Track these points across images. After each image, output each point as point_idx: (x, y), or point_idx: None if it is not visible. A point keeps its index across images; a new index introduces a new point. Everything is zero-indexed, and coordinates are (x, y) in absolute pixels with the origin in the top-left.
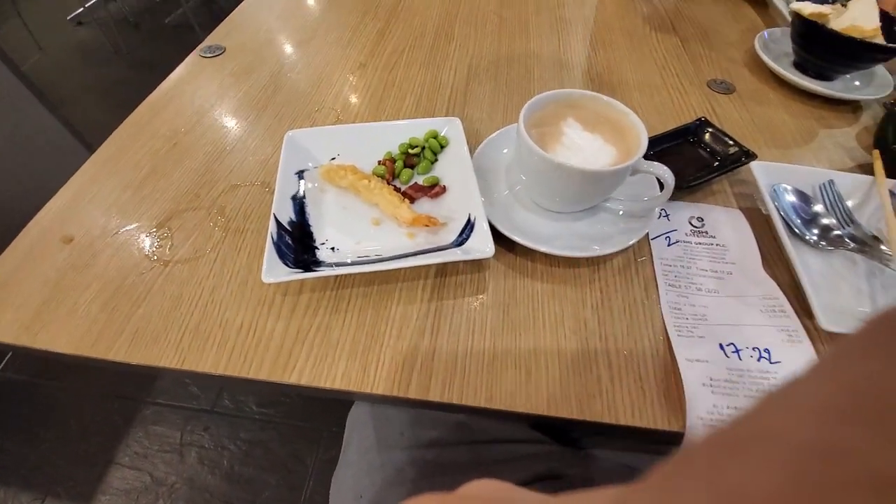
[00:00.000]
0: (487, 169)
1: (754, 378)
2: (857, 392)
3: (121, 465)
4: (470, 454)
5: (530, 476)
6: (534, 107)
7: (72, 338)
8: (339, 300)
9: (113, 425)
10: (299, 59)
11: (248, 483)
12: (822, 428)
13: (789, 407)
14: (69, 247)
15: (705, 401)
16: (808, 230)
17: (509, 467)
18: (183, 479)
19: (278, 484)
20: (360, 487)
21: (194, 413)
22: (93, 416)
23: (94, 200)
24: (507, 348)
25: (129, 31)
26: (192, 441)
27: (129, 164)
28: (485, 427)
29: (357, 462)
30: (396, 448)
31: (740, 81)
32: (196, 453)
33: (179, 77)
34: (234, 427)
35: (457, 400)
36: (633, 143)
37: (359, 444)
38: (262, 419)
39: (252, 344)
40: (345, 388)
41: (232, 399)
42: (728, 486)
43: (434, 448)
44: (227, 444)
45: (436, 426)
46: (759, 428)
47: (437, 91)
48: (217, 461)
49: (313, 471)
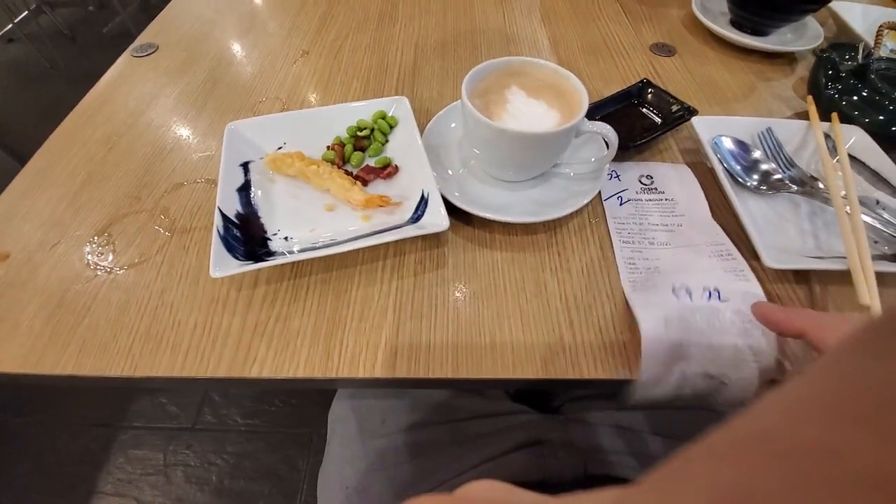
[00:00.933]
0: (439, 146)
1: (705, 315)
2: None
3: (104, 494)
4: (451, 432)
5: (512, 445)
6: (476, 77)
7: (15, 357)
8: (297, 289)
9: (91, 454)
10: (238, 51)
11: (239, 496)
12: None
13: (788, 407)
14: (5, 264)
15: (660, 341)
16: (749, 177)
17: (491, 440)
18: (171, 499)
19: (271, 492)
20: (345, 478)
21: (175, 432)
22: (68, 448)
23: (29, 215)
24: (470, 318)
25: (66, 45)
26: (177, 461)
27: (62, 173)
28: (464, 404)
29: (341, 454)
30: (378, 436)
31: (681, 44)
32: (182, 472)
33: (111, 80)
34: (220, 441)
35: (423, 374)
36: (576, 106)
37: (341, 437)
38: (247, 430)
39: (208, 343)
40: (309, 376)
41: (214, 414)
42: (728, 487)
43: (415, 431)
44: (214, 460)
45: (416, 409)
46: (758, 428)
47: (384, 73)
48: (205, 478)
49: (306, 475)
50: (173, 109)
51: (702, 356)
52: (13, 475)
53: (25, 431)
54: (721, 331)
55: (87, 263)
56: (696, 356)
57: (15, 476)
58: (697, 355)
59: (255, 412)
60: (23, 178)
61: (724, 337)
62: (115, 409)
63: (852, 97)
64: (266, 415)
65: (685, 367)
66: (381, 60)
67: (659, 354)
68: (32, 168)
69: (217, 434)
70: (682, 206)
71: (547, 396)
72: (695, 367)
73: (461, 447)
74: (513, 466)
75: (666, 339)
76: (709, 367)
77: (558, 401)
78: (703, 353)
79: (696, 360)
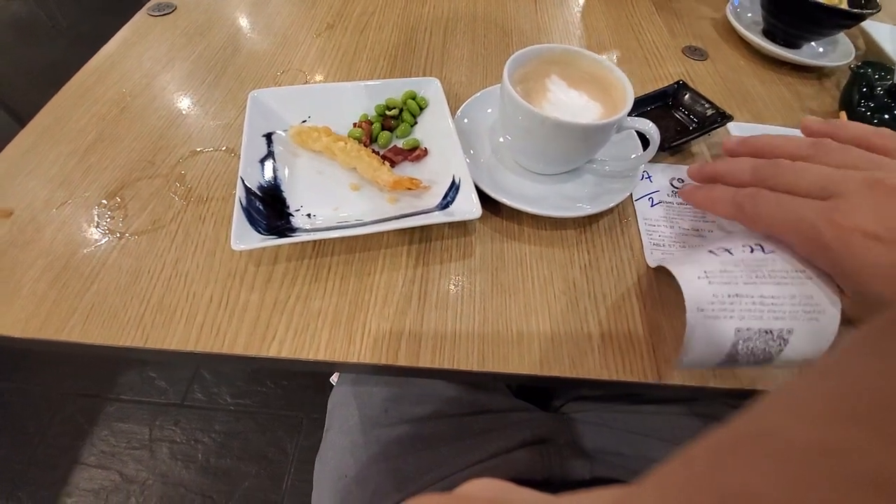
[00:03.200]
0: (469, 131)
1: (751, 266)
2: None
3: (87, 465)
4: (455, 427)
5: (517, 443)
6: (517, 62)
7: (17, 320)
8: (318, 269)
9: (75, 425)
10: (259, 18)
11: (225, 475)
12: (822, 428)
13: (790, 407)
14: (8, 221)
15: (704, 292)
16: None
17: (495, 436)
18: (155, 475)
19: (258, 474)
20: (344, 467)
21: (163, 408)
22: (52, 417)
23: (35, 172)
24: (496, 311)
25: (69, 4)
26: (163, 436)
27: (71, 131)
28: (469, 399)
29: (340, 442)
30: (380, 426)
31: (713, 49)
32: (168, 448)
33: (125, 38)
34: (208, 420)
35: (448, 365)
36: (619, 100)
37: (342, 424)
38: (237, 410)
39: (224, 317)
40: (330, 360)
41: (204, 391)
42: (729, 487)
43: (418, 423)
44: (201, 438)
45: (420, 402)
46: (760, 428)
47: (412, 53)
48: (191, 455)
49: (294, 458)
50: (191, 73)
51: (755, 309)
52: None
53: (7, 397)
54: (773, 279)
55: (97, 226)
56: (748, 309)
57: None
58: (750, 308)
59: (246, 392)
60: (27, 134)
61: (778, 287)
62: (102, 380)
63: (884, 115)
64: (257, 395)
65: (738, 323)
66: (408, 40)
67: (704, 310)
68: (38, 124)
69: (206, 412)
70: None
71: (549, 395)
72: (749, 321)
73: (464, 442)
74: (517, 464)
75: (709, 293)
76: (766, 320)
77: (560, 400)
78: (755, 306)
79: (749, 314)
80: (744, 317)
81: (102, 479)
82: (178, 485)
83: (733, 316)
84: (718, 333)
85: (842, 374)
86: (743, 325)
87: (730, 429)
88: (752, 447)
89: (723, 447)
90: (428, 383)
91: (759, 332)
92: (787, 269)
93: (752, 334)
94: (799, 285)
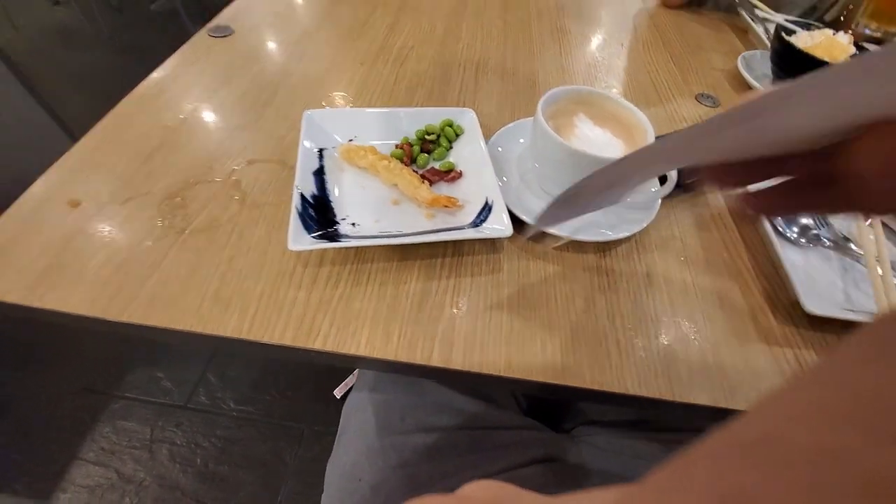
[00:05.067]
0: (500, 158)
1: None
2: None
3: (85, 461)
4: (469, 440)
5: (527, 460)
6: (549, 99)
7: (83, 300)
8: (359, 273)
9: (78, 419)
10: (309, 46)
11: (222, 482)
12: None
13: (787, 410)
14: (76, 211)
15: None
16: (789, 228)
17: (507, 452)
18: (152, 476)
19: (255, 482)
20: (359, 471)
21: (167, 409)
22: (55, 410)
23: (101, 168)
24: (522, 323)
25: (112, 15)
26: (164, 437)
27: (134, 135)
28: (482, 414)
29: (355, 445)
30: (397, 433)
31: (724, 96)
32: (167, 450)
33: (187, 55)
34: (210, 424)
35: (477, 369)
36: (640, 138)
37: (357, 429)
38: (240, 416)
39: (274, 311)
40: (369, 355)
41: (209, 395)
42: (728, 490)
43: (433, 432)
44: (202, 442)
45: (436, 412)
46: (758, 431)
47: (447, 86)
48: (190, 459)
49: (292, 470)
50: (246, 92)
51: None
52: None
53: (14, 386)
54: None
55: (160, 222)
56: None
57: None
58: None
59: (250, 399)
60: (94, 136)
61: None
62: (108, 377)
63: None
64: (260, 403)
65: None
66: (444, 73)
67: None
68: (104, 127)
69: (208, 416)
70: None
71: (559, 417)
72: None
73: (477, 455)
74: (529, 481)
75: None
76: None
77: (570, 423)
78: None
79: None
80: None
81: (99, 476)
82: (174, 488)
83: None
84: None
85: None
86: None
87: (728, 432)
88: (750, 450)
89: (721, 450)
90: (444, 395)
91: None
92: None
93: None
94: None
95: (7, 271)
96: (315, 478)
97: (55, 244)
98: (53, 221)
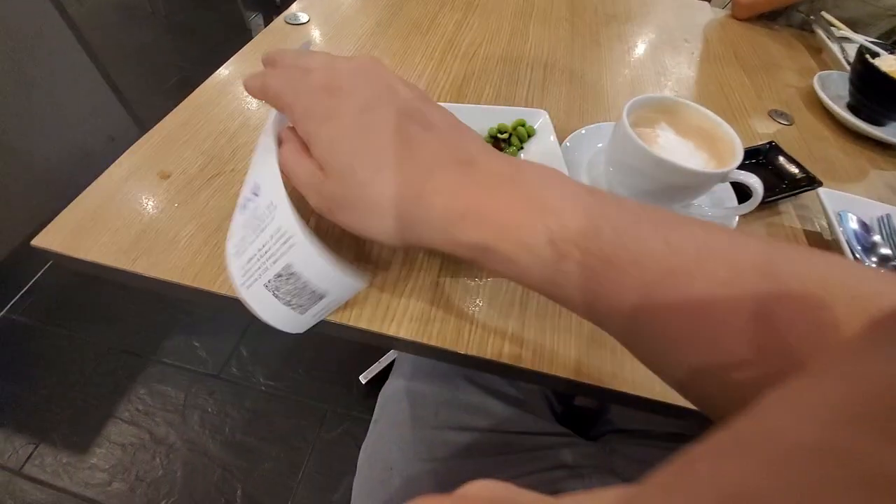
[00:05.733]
0: (568, 162)
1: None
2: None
3: (120, 420)
4: (500, 443)
5: (558, 466)
6: (634, 106)
7: (175, 267)
8: (431, 264)
9: (116, 379)
10: (381, 40)
11: (248, 452)
12: (825, 428)
13: (792, 407)
14: (166, 182)
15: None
16: (867, 257)
17: (536, 457)
18: (183, 440)
19: (278, 456)
20: (391, 460)
21: (200, 377)
22: (96, 368)
23: (189, 143)
24: (590, 328)
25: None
26: (196, 404)
27: (221, 114)
28: (515, 418)
29: (389, 434)
30: (429, 427)
31: (798, 114)
32: (199, 416)
33: (263, 40)
34: (240, 395)
35: (547, 370)
36: (725, 152)
37: (392, 418)
38: (268, 391)
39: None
40: (441, 346)
41: (240, 368)
42: (732, 488)
43: (465, 431)
44: (231, 412)
45: (470, 411)
46: (762, 428)
47: (515, 85)
48: (219, 427)
49: (314, 448)
50: None
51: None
52: (37, 383)
53: (59, 343)
54: (260, 228)
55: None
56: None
57: (39, 384)
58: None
59: (279, 375)
60: (183, 111)
61: (263, 234)
62: (148, 341)
63: None
64: (288, 380)
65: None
66: (512, 72)
67: (244, 283)
68: (191, 103)
69: (239, 388)
70: None
71: (591, 424)
72: (266, 275)
73: (508, 457)
74: (557, 487)
75: (238, 267)
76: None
77: (597, 431)
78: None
79: (260, 269)
80: (261, 274)
81: (133, 435)
82: (202, 454)
83: (258, 278)
84: (263, 296)
85: (843, 375)
86: (265, 279)
87: (732, 429)
88: (754, 448)
89: (726, 447)
90: (477, 395)
91: (276, 277)
92: (262, 210)
93: (277, 283)
94: (270, 222)
95: (101, 235)
96: (335, 459)
97: (148, 212)
98: (145, 191)
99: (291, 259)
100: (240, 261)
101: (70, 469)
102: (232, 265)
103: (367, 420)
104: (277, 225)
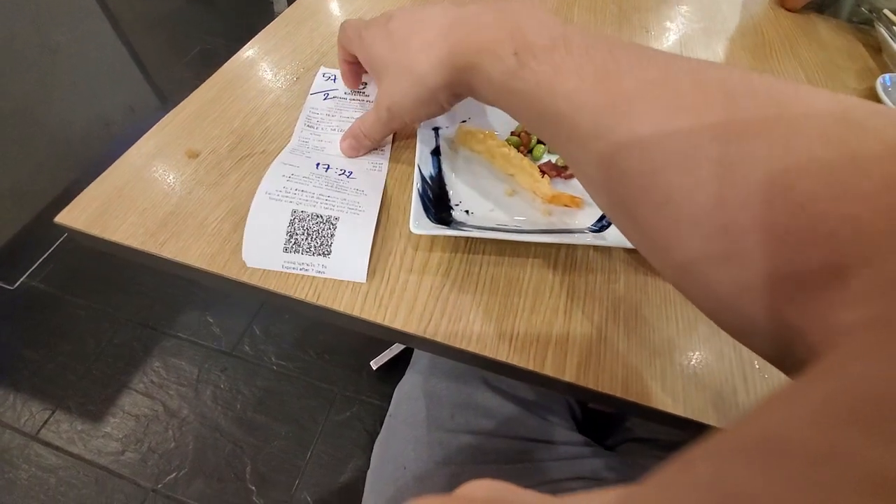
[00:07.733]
0: None
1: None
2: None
3: (134, 391)
4: (516, 450)
5: (572, 475)
6: None
7: (203, 254)
8: (470, 264)
9: (131, 351)
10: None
11: (258, 430)
12: (823, 431)
13: (791, 409)
14: (195, 162)
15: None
16: None
17: (553, 466)
18: (195, 414)
19: (287, 436)
20: (405, 459)
21: (214, 353)
22: (112, 339)
23: (218, 121)
24: (640, 342)
25: None
26: (209, 379)
27: (251, 91)
28: (535, 425)
29: (404, 433)
30: (445, 429)
31: None
32: (211, 392)
33: (294, 15)
34: (252, 373)
35: (592, 385)
36: None
37: (407, 417)
38: (279, 371)
39: (385, 292)
40: (480, 353)
41: (253, 346)
42: (730, 491)
43: (482, 436)
44: (243, 389)
45: (486, 415)
46: (761, 431)
47: None
48: (231, 403)
49: (323, 430)
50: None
51: (311, 200)
52: (55, 351)
53: (78, 313)
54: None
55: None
56: (305, 199)
57: (56, 352)
58: (307, 199)
59: (290, 356)
60: (211, 85)
61: (335, 192)
62: (163, 315)
63: None
64: (299, 361)
65: (294, 206)
66: None
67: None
68: (220, 79)
69: (251, 366)
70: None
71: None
72: (304, 206)
73: (524, 465)
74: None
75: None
76: (318, 207)
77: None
78: (312, 198)
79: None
80: (301, 203)
81: (146, 407)
82: (214, 429)
83: (291, 201)
84: (278, 215)
85: (844, 377)
86: (299, 208)
87: (731, 431)
88: (753, 450)
89: (725, 449)
90: (494, 400)
91: (313, 216)
92: (348, 186)
93: (305, 217)
94: (350, 193)
95: (128, 214)
96: (342, 441)
97: (176, 193)
98: (173, 170)
99: (345, 221)
100: (291, 184)
101: (84, 437)
102: (276, 171)
103: (376, 405)
104: (355, 199)
